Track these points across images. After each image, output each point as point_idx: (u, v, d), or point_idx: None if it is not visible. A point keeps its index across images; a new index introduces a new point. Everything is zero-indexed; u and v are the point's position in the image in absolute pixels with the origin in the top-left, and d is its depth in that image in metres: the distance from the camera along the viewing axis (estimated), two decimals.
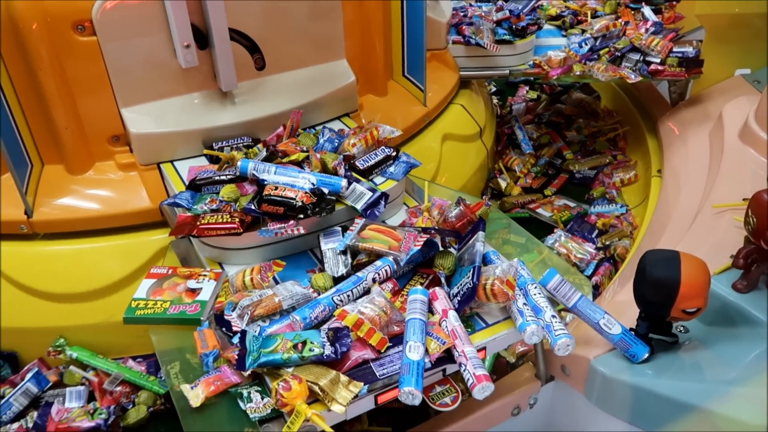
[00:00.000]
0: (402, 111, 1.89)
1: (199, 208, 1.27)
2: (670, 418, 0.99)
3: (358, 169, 1.38)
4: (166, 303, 1.14)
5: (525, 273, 1.15)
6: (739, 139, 1.70)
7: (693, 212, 1.55)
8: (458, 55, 2.18)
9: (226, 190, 1.30)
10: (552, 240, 2.00)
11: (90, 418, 1.39)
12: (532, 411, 1.27)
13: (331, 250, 1.22)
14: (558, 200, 2.25)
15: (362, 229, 1.23)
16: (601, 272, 1.89)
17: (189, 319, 1.12)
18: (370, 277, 1.14)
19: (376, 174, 1.40)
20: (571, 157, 2.43)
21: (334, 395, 0.94)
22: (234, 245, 1.26)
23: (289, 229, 1.21)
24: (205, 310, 1.12)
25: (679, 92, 2.28)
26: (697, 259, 1.02)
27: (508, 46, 2.17)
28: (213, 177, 1.35)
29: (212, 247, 1.28)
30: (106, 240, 1.49)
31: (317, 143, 1.47)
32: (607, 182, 2.32)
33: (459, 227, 1.31)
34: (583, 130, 2.61)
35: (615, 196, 2.26)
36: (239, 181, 1.33)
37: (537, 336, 1.04)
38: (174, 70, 1.46)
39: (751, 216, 1.08)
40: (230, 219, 1.21)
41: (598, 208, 2.19)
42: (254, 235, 1.21)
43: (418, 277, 1.20)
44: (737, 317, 1.11)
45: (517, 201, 2.25)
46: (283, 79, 1.62)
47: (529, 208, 2.22)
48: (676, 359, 1.08)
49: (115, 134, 1.51)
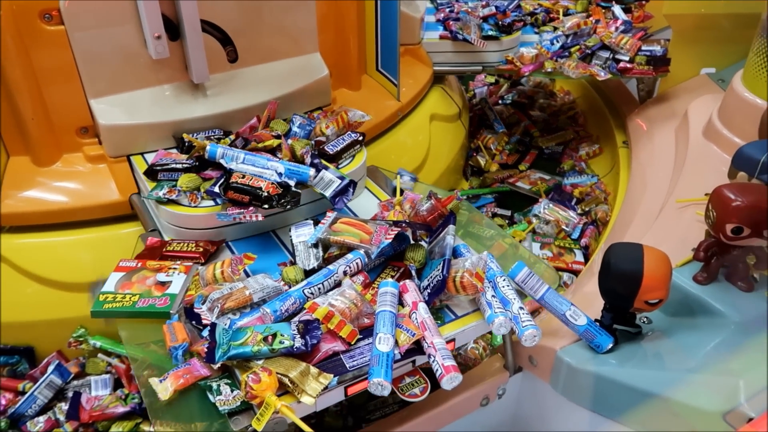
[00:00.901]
0: (375, 105, 1.89)
1: (153, 194, 1.28)
2: (631, 405, 1.02)
3: (327, 154, 1.40)
4: (134, 296, 1.13)
5: (494, 266, 1.17)
6: (704, 137, 1.75)
7: (658, 207, 1.58)
8: (443, 50, 2.20)
9: (185, 179, 1.30)
10: (539, 208, 2.11)
11: (123, 404, 1.40)
12: (500, 401, 1.30)
13: (302, 243, 1.23)
14: (533, 174, 2.40)
15: (333, 222, 1.24)
16: (588, 234, 2.03)
17: (158, 313, 1.11)
18: (341, 270, 1.15)
19: (344, 158, 1.43)
20: (538, 135, 2.60)
21: (304, 387, 0.95)
22: (195, 226, 1.29)
23: (248, 215, 1.23)
24: (174, 303, 1.12)
25: (647, 90, 2.33)
26: (659, 252, 1.05)
27: (494, 41, 2.20)
28: (170, 164, 1.34)
29: (176, 227, 1.30)
30: (74, 233, 1.47)
31: (290, 130, 1.48)
32: (575, 156, 2.48)
33: (430, 221, 1.32)
34: (546, 109, 2.79)
35: (584, 168, 2.43)
36: (201, 170, 1.34)
37: (505, 327, 1.06)
38: (144, 61, 1.44)
39: (711, 210, 1.11)
40: (195, 248, 1.24)
41: (571, 179, 2.34)
42: (213, 217, 1.25)
43: (389, 269, 1.21)
44: (698, 308, 1.15)
45: (497, 176, 2.38)
46: (256, 72, 1.61)
47: (509, 182, 2.36)
48: (639, 349, 1.11)
49: (83, 125, 1.49)
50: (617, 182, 2.09)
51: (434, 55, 2.21)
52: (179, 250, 1.25)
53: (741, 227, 1.07)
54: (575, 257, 1.96)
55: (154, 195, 1.29)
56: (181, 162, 1.35)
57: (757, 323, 1.08)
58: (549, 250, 1.98)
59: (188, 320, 1.10)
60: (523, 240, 2.01)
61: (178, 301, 1.12)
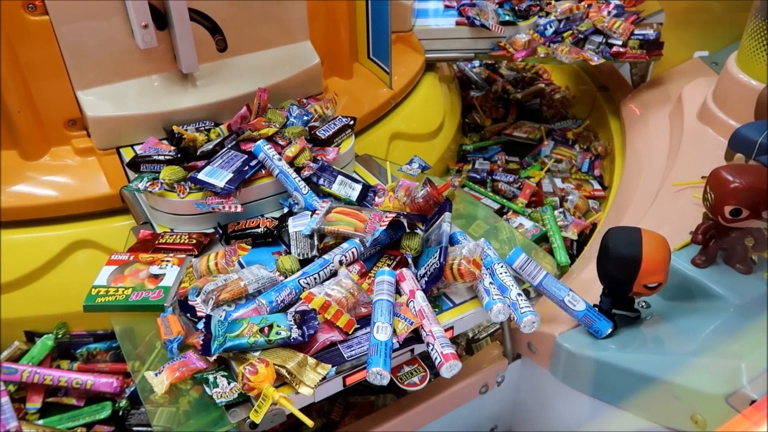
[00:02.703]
0: (368, 93, 1.88)
1: (133, 186, 1.26)
2: (632, 390, 1.02)
3: (319, 138, 1.40)
4: (127, 290, 1.11)
5: (491, 252, 1.16)
6: (698, 120, 1.74)
7: (654, 191, 1.58)
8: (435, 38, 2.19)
9: (167, 171, 1.28)
10: (547, 150, 2.34)
11: None
12: (499, 388, 1.29)
13: (299, 233, 1.22)
14: (523, 124, 2.54)
15: (328, 212, 1.22)
16: (597, 166, 2.28)
17: (152, 306, 1.09)
18: (337, 260, 1.13)
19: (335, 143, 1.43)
20: (514, 90, 2.75)
21: (301, 378, 0.93)
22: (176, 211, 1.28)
23: (227, 206, 1.23)
24: (168, 296, 1.10)
25: (640, 74, 2.32)
26: (658, 236, 1.04)
27: (511, 27, 2.19)
28: (153, 155, 1.32)
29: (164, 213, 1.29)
30: (65, 228, 1.45)
31: (287, 120, 1.46)
32: (554, 101, 2.72)
33: (425, 208, 1.31)
34: (514, 66, 2.99)
35: (565, 114, 2.66)
36: (184, 161, 1.33)
37: (503, 314, 1.05)
38: (132, 52, 1.42)
39: (709, 192, 1.10)
40: (188, 240, 1.23)
41: (558, 125, 2.54)
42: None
43: (385, 258, 1.20)
44: (696, 291, 1.14)
45: (494, 129, 2.54)
46: (246, 61, 1.59)
47: (506, 133, 2.50)
48: (638, 334, 1.10)
49: (71, 118, 1.46)
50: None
51: (427, 42, 2.19)
52: (172, 242, 1.23)
53: (740, 209, 1.06)
54: (593, 186, 2.20)
55: (134, 186, 1.27)
56: (164, 154, 1.33)
57: (756, 305, 1.07)
58: (570, 182, 2.21)
59: (183, 313, 1.08)
60: (543, 178, 2.20)
61: (171, 294, 1.11)
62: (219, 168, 1.29)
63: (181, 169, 1.30)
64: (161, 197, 1.27)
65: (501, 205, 2.07)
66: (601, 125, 2.48)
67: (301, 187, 1.29)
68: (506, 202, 2.08)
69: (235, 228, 1.26)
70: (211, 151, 1.35)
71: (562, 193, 2.13)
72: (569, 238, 1.87)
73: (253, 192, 1.32)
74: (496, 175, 2.21)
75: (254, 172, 1.32)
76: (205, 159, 1.33)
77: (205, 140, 1.40)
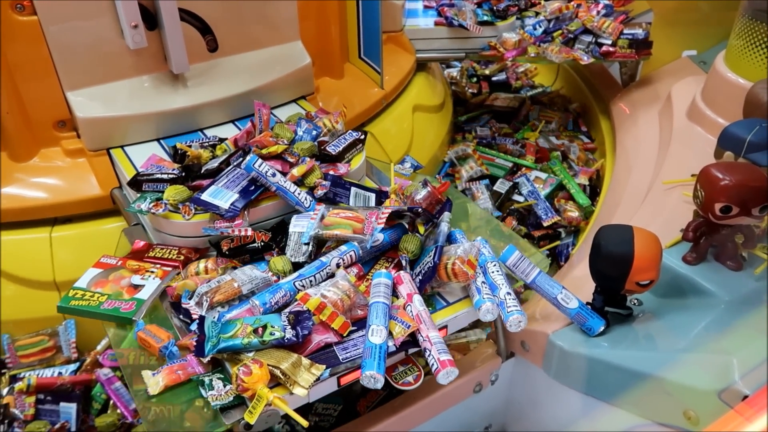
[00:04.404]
0: (359, 93, 1.87)
1: (135, 207, 1.20)
2: (624, 387, 1.02)
3: (330, 155, 1.33)
4: (103, 297, 1.08)
5: (486, 251, 1.16)
6: (687, 118, 1.75)
7: (645, 189, 1.59)
8: (426, 37, 2.19)
9: (171, 191, 1.20)
10: (535, 114, 2.51)
11: None
12: (493, 387, 1.29)
13: (297, 234, 1.18)
14: (499, 96, 2.66)
15: (323, 217, 1.19)
16: (581, 124, 2.50)
17: (121, 317, 1.06)
18: (334, 263, 1.12)
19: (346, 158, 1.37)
20: (480, 68, 2.82)
21: (296, 378, 0.93)
22: (181, 233, 1.22)
23: (236, 230, 1.17)
24: (139, 310, 1.07)
25: (629, 74, 2.33)
26: (649, 233, 1.05)
27: (490, 27, 2.20)
28: (156, 174, 1.24)
29: (164, 234, 1.24)
30: (56, 230, 1.44)
31: (296, 135, 1.39)
32: (517, 74, 2.82)
33: (427, 208, 1.30)
34: None
35: (533, 83, 2.83)
36: (188, 180, 1.26)
37: (492, 314, 1.05)
38: (122, 52, 1.41)
39: (699, 190, 1.11)
40: (176, 256, 1.18)
41: (530, 93, 2.71)
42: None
43: (383, 260, 1.18)
44: (688, 288, 1.15)
45: (475, 102, 2.66)
46: (237, 61, 1.58)
47: (486, 104, 2.62)
48: (630, 331, 1.11)
49: (61, 119, 1.45)
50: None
51: (417, 42, 2.19)
52: (160, 257, 1.19)
53: (730, 206, 1.07)
54: (583, 140, 2.39)
55: (136, 207, 1.19)
56: (168, 172, 1.25)
57: (747, 301, 1.08)
58: (564, 138, 2.35)
59: (176, 314, 1.07)
60: (537, 138, 2.33)
61: (143, 308, 1.08)
62: (224, 187, 1.21)
63: (185, 188, 1.22)
64: (166, 219, 1.20)
65: (513, 163, 2.17)
66: (591, 124, 2.49)
67: (302, 200, 1.23)
68: (518, 160, 2.18)
69: (231, 246, 1.19)
70: (216, 169, 1.26)
71: (562, 148, 2.25)
72: (582, 183, 2.07)
73: (262, 212, 1.25)
74: (497, 140, 2.32)
75: (262, 191, 1.23)
76: (210, 177, 1.25)
77: (210, 157, 1.32)
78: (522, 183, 2.05)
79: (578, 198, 2.00)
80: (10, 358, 1.43)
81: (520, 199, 2.01)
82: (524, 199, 2.00)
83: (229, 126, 1.53)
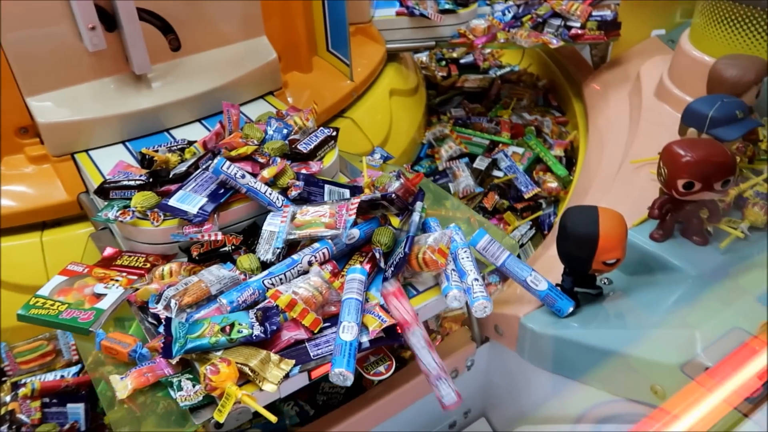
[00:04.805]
0: (329, 87, 1.86)
1: (102, 215, 1.17)
2: (593, 365, 1.03)
3: (301, 153, 1.32)
4: (63, 305, 1.06)
5: (458, 238, 1.16)
6: (656, 97, 1.76)
7: (615, 169, 1.59)
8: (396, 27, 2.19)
9: (139, 197, 1.17)
10: (505, 93, 2.56)
11: None
12: (469, 372, 1.30)
13: (268, 232, 1.16)
14: (468, 78, 2.72)
15: (293, 217, 1.17)
16: (552, 98, 2.56)
17: (78, 327, 1.04)
18: (306, 260, 1.10)
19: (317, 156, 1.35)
20: (447, 52, 2.89)
21: (264, 375, 0.93)
22: (150, 240, 1.21)
23: (206, 235, 1.14)
24: (97, 321, 1.05)
25: (600, 55, 2.34)
26: (614, 213, 1.06)
27: (452, 15, 2.19)
28: (122, 180, 1.22)
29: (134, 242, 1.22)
30: (23, 238, 1.42)
31: (266, 135, 1.37)
32: (484, 55, 2.87)
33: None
34: None
35: (501, 62, 2.89)
36: (156, 186, 1.23)
37: (458, 301, 1.05)
38: (81, 54, 1.39)
39: (662, 167, 1.12)
40: (143, 263, 1.16)
41: (499, 72, 2.76)
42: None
43: (357, 255, 1.16)
44: (655, 265, 1.16)
45: (446, 84, 2.70)
46: (201, 59, 1.56)
47: (458, 86, 2.68)
48: (600, 310, 1.12)
49: (22, 125, 1.43)
50: (576, 138, 2.26)
51: (386, 33, 2.18)
52: (127, 265, 1.17)
53: (692, 182, 1.08)
54: (555, 115, 2.46)
55: (103, 216, 1.17)
56: (135, 178, 1.22)
57: (713, 275, 1.10)
58: (536, 114, 2.39)
59: (144, 318, 1.07)
60: (511, 116, 2.38)
61: (102, 319, 1.06)
62: (192, 192, 1.19)
63: (153, 194, 1.19)
64: (134, 227, 1.17)
65: (490, 140, 2.21)
66: (561, 100, 2.51)
67: (274, 200, 1.21)
68: (495, 137, 2.23)
69: (200, 251, 1.16)
70: (184, 173, 1.24)
71: (535, 123, 2.30)
72: (558, 155, 2.14)
73: (233, 215, 1.22)
74: (471, 119, 2.36)
75: (232, 193, 1.21)
76: (179, 182, 1.22)
77: (179, 161, 1.30)
78: (500, 159, 2.11)
79: (556, 169, 2.06)
80: (9, 366, 1.42)
81: (500, 175, 2.08)
82: (504, 174, 2.07)
83: (196, 125, 1.52)
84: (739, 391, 0.75)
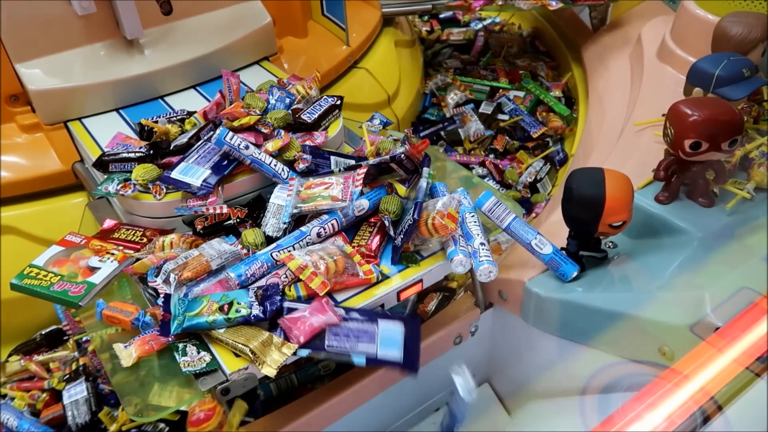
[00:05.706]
0: (325, 52, 1.82)
1: (102, 189, 1.14)
2: (600, 328, 1.03)
3: (305, 123, 1.28)
4: (56, 277, 1.04)
5: (466, 202, 1.14)
6: (657, 59, 1.73)
7: (618, 132, 1.57)
8: None
9: (140, 170, 1.14)
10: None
11: None
12: (473, 338, 1.30)
13: (275, 206, 1.12)
14: (452, 30, 2.72)
15: (299, 191, 1.14)
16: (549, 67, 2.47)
17: (68, 301, 1.02)
18: (315, 232, 1.07)
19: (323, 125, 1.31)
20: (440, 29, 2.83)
21: (264, 359, 0.91)
22: (152, 214, 1.18)
23: (211, 208, 1.11)
24: (87, 295, 1.02)
25: (599, 18, 2.29)
26: (620, 174, 1.04)
27: None
28: (122, 153, 1.18)
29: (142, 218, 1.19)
30: (19, 208, 1.40)
31: (268, 104, 1.32)
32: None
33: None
34: None
35: (480, 15, 2.80)
36: (157, 158, 1.20)
37: (463, 266, 1.04)
38: (71, 19, 1.35)
39: (669, 128, 1.10)
40: (140, 238, 1.13)
41: (481, 24, 2.74)
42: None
43: (365, 226, 1.13)
44: (661, 228, 1.15)
45: (434, 38, 2.70)
46: (194, 23, 1.52)
47: (443, 40, 2.67)
48: (605, 273, 1.11)
49: (13, 93, 1.39)
50: (572, 78, 2.29)
51: None
52: (124, 238, 1.14)
53: (699, 142, 1.06)
54: (545, 59, 2.50)
55: (103, 190, 1.14)
56: (135, 150, 1.18)
57: (719, 237, 1.09)
58: (527, 60, 2.44)
59: (144, 288, 1.05)
60: (503, 64, 2.43)
61: (93, 293, 1.03)
62: (195, 164, 1.15)
63: (154, 166, 1.15)
64: (136, 200, 1.15)
65: (490, 86, 2.26)
66: (564, 71, 2.46)
67: (279, 172, 1.18)
68: (494, 83, 2.28)
69: (205, 224, 1.13)
70: (186, 144, 1.20)
71: (529, 68, 2.36)
72: (557, 96, 2.21)
73: (237, 187, 1.19)
74: (467, 69, 2.41)
75: (236, 165, 1.17)
76: (180, 154, 1.19)
77: (179, 132, 1.26)
78: (504, 103, 2.17)
79: (558, 109, 2.14)
80: (68, 326, 1.42)
81: (505, 118, 2.13)
82: (509, 116, 2.12)
83: (191, 92, 1.49)
84: (750, 350, 0.74)
